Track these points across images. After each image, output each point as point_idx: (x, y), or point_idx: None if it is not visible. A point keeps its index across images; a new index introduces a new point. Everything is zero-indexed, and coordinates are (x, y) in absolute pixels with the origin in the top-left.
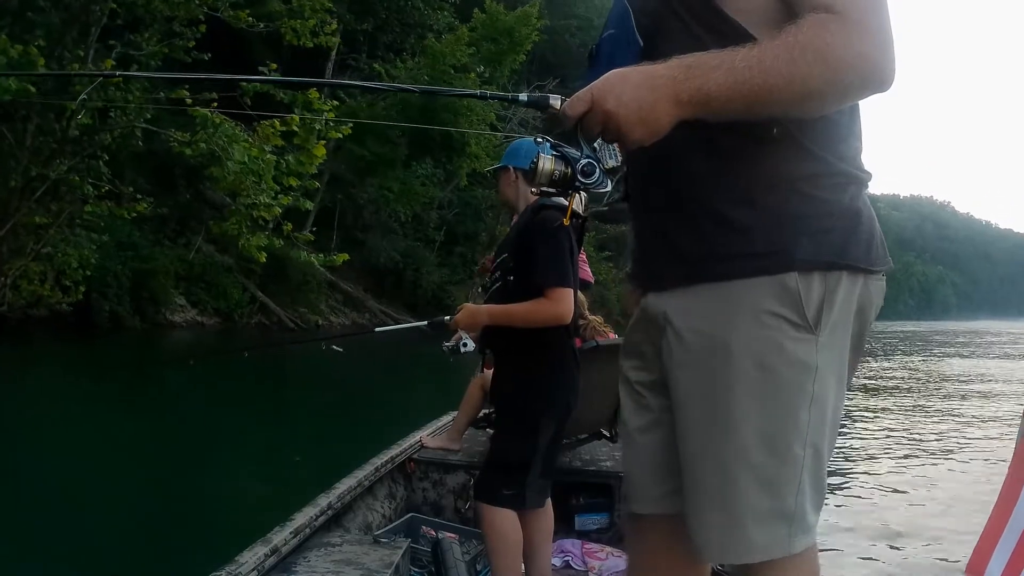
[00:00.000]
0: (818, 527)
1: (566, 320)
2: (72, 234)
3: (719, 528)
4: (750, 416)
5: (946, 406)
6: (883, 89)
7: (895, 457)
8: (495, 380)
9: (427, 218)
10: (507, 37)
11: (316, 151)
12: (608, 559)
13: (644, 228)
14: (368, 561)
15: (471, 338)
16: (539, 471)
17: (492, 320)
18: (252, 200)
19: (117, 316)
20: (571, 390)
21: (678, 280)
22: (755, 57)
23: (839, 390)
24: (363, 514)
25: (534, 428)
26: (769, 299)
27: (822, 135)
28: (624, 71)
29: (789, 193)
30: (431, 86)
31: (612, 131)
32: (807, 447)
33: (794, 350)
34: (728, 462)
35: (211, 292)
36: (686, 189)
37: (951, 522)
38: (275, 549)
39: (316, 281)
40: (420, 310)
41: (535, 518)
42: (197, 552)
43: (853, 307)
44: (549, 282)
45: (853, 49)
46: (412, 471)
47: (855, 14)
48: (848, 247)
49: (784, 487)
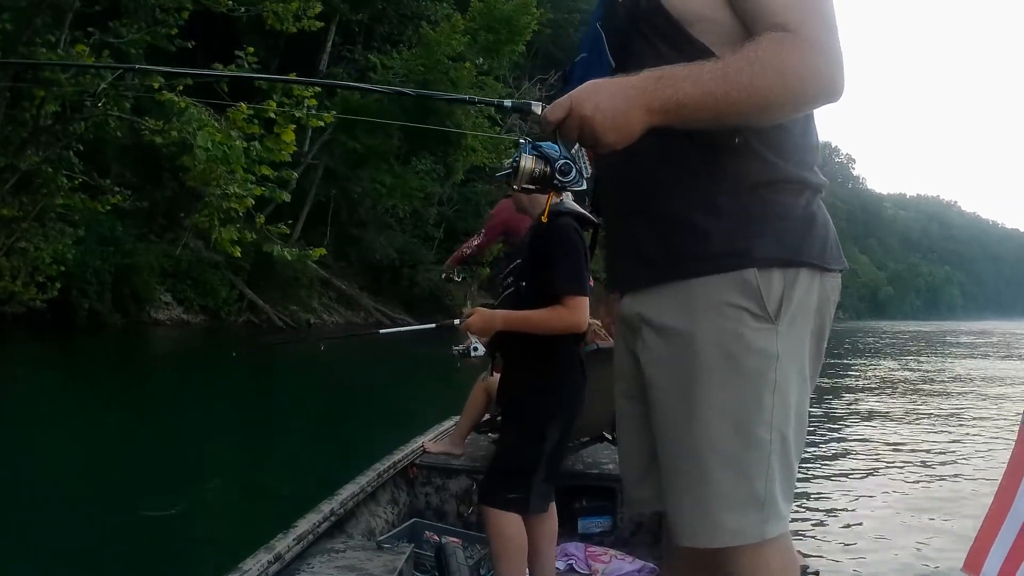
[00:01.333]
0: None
1: (582, 328)
2: (46, 228)
3: (692, 511)
4: (716, 403)
5: (950, 404)
6: (834, 100)
7: (897, 456)
8: (503, 385)
9: (426, 214)
10: (506, 26)
11: (285, 136)
12: (611, 562)
13: (615, 232)
14: (372, 567)
15: (481, 342)
16: (544, 476)
17: (507, 326)
18: (222, 191)
19: (97, 314)
20: (578, 396)
21: (647, 281)
22: (720, 70)
23: (800, 380)
24: (366, 520)
25: (542, 433)
26: (731, 293)
27: (780, 144)
28: (600, 81)
29: (749, 198)
30: (421, 89)
31: (588, 135)
32: (772, 432)
33: (755, 339)
34: (698, 447)
35: (198, 289)
36: (652, 195)
37: (950, 519)
38: (278, 556)
39: (307, 278)
40: (417, 308)
41: (539, 522)
42: (197, 559)
43: (813, 302)
44: (567, 290)
45: (807, 64)
46: (415, 476)
47: (808, 33)
48: (804, 247)
49: (752, 471)
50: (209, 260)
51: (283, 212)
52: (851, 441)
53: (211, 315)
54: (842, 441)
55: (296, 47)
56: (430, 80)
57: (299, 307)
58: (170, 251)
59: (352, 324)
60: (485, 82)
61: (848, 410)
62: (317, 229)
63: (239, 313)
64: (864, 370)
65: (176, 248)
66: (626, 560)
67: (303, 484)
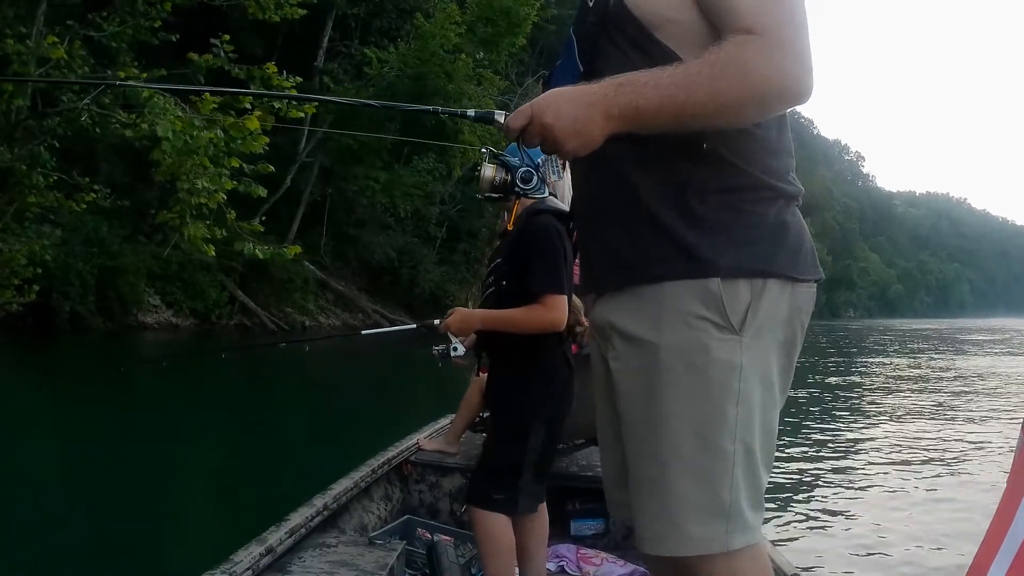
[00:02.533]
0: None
1: (560, 327)
2: (24, 228)
3: (656, 519)
4: (680, 413)
5: (957, 404)
6: (801, 102)
7: (905, 457)
8: (489, 385)
9: (428, 214)
10: (504, 18)
11: (249, 123)
12: (603, 564)
13: (587, 236)
14: (363, 562)
15: (461, 342)
16: (532, 476)
17: (485, 325)
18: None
19: (80, 317)
20: (564, 396)
21: (615, 284)
22: (680, 74)
23: (767, 391)
24: (359, 515)
25: (524, 433)
26: (695, 303)
27: (749, 151)
28: (561, 89)
29: (716, 205)
30: (391, 101)
31: (549, 142)
32: (736, 443)
33: (718, 350)
34: (662, 456)
35: (187, 291)
36: (621, 199)
37: (952, 527)
38: (270, 549)
39: (302, 279)
40: (417, 310)
41: (529, 523)
42: (188, 554)
43: (782, 313)
44: (543, 288)
45: (772, 66)
46: (409, 473)
47: (774, 34)
48: (774, 257)
49: (716, 481)
50: (200, 261)
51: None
52: (868, 440)
53: (201, 318)
54: (851, 440)
55: (293, 43)
56: (425, 74)
57: (294, 309)
58: (158, 252)
59: (348, 327)
60: (483, 75)
61: (862, 407)
62: (314, 229)
63: (230, 316)
64: (876, 369)
65: (164, 249)
66: (617, 563)
67: (295, 481)
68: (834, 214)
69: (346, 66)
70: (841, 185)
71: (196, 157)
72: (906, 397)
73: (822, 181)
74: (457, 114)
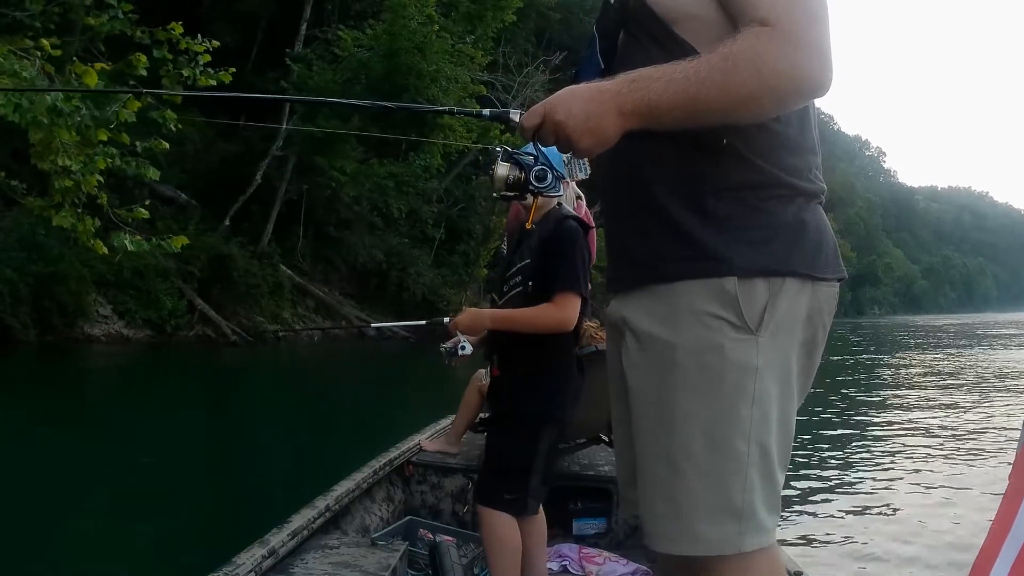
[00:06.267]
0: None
1: (569, 326)
2: None
3: (667, 519)
4: (693, 413)
5: (971, 400)
6: (819, 95)
7: (913, 454)
8: (497, 384)
9: (423, 213)
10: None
11: (88, 79)
12: (605, 564)
13: (609, 235)
14: (366, 564)
15: (469, 341)
16: (540, 477)
17: (495, 324)
18: (57, 165)
19: (8, 329)
20: (574, 398)
21: (631, 283)
22: (692, 69)
23: (784, 391)
24: (361, 516)
25: (536, 434)
26: (710, 302)
27: (768, 148)
28: (575, 87)
29: (733, 203)
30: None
31: (563, 141)
32: (751, 444)
33: (734, 350)
34: (674, 456)
35: (141, 300)
36: (638, 197)
37: (961, 527)
38: (272, 551)
39: (271, 285)
40: (408, 316)
41: (530, 524)
42: (190, 556)
43: (802, 312)
44: (559, 287)
45: (786, 59)
46: (410, 474)
47: (789, 26)
48: (792, 255)
49: (729, 482)
50: (156, 267)
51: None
52: (877, 441)
53: (157, 329)
54: (865, 438)
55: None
56: (396, 50)
57: (265, 318)
58: (109, 257)
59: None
60: (463, 51)
61: (887, 404)
62: (292, 230)
63: (190, 326)
64: (912, 366)
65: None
66: (620, 562)
67: (296, 482)
68: (857, 210)
69: (320, 51)
70: (863, 181)
71: (57, 130)
72: (919, 396)
73: (844, 177)
74: (472, 114)
